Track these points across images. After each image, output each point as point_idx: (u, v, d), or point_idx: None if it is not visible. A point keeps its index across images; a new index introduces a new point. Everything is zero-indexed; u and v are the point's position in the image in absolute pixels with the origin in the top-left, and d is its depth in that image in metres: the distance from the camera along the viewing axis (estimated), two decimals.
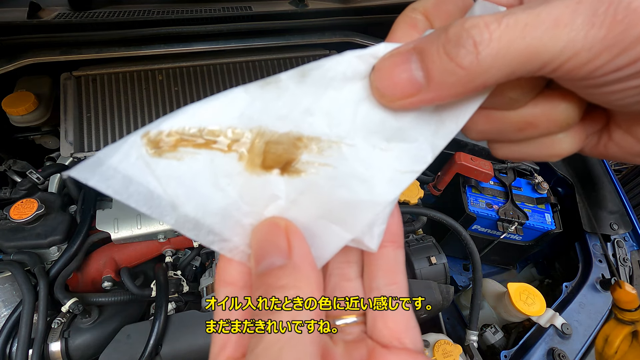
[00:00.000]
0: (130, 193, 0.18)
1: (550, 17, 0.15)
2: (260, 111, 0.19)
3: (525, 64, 0.16)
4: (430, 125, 0.20)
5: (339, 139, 0.20)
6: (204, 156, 0.19)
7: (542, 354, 0.83)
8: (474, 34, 0.16)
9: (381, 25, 1.15)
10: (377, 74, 0.19)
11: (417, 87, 0.18)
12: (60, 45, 0.91)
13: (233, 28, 0.98)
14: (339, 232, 0.20)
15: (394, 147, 0.20)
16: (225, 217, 0.20)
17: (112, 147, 0.17)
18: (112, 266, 0.82)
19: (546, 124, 0.19)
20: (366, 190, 0.20)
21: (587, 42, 0.15)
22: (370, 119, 0.20)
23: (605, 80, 0.16)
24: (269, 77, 0.19)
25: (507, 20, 0.16)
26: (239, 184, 0.20)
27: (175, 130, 0.18)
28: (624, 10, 0.14)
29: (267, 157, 0.19)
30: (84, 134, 0.95)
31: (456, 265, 1.28)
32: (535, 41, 0.15)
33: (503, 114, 0.20)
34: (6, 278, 0.76)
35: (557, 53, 0.15)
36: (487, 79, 0.16)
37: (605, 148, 0.21)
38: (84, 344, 0.72)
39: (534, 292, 0.89)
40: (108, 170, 0.17)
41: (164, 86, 1.03)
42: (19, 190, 0.86)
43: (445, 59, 0.16)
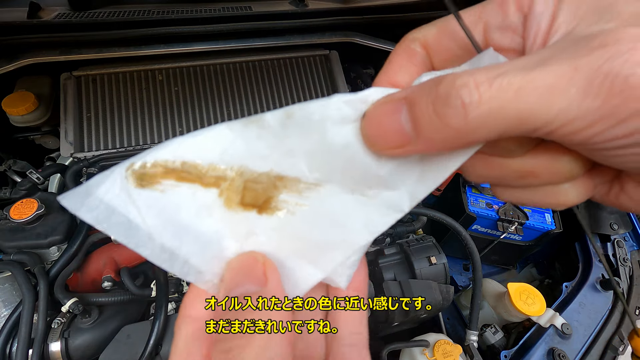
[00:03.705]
0: (111, 223, 0.18)
1: (545, 83, 0.15)
2: (242, 149, 0.19)
3: (516, 126, 0.15)
4: (413, 174, 0.20)
5: (317, 182, 0.20)
6: (185, 189, 0.19)
7: (542, 354, 0.83)
8: (463, 94, 0.15)
9: (381, 25, 1.15)
10: (368, 121, 0.18)
11: (406, 139, 0.17)
12: (60, 45, 0.91)
13: (233, 28, 0.98)
14: (312, 271, 0.21)
15: (374, 194, 0.20)
16: (202, 249, 0.20)
17: (100, 177, 0.18)
18: (112, 266, 0.82)
19: (548, 175, 0.18)
20: (340, 233, 0.20)
21: (581, 111, 0.14)
22: (351, 165, 0.19)
23: (603, 146, 0.15)
24: (254, 115, 0.19)
25: (500, 81, 0.15)
26: (218, 219, 0.20)
27: (159, 162, 0.19)
28: (621, 84, 0.14)
29: (246, 194, 0.20)
30: (84, 134, 0.95)
31: (456, 265, 1.28)
32: (528, 106, 0.15)
33: (503, 160, 0.19)
34: (6, 278, 0.76)
35: (550, 119, 0.15)
36: (475, 138, 0.16)
37: (617, 198, 0.19)
38: (84, 344, 0.72)
39: (534, 292, 0.89)
40: (94, 201, 0.18)
41: (164, 86, 1.03)
42: (19, 190, 0.86)
43: (433, 116, 0.16)
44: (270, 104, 1.07)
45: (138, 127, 0.98)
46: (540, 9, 0.17)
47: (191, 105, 1.03)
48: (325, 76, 1.15)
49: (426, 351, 0.82)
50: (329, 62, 1.16)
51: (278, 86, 1.10)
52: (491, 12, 0.19)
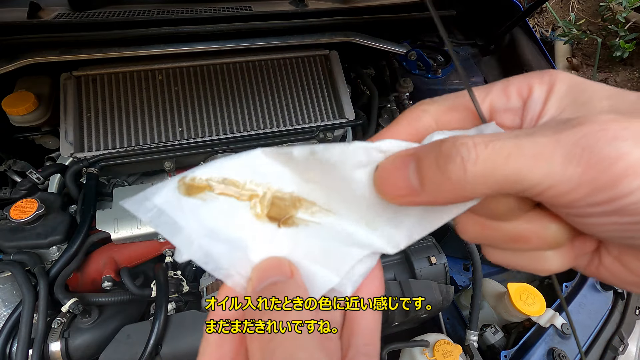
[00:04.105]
0: (160, 222, 0.22)
1: (532, 150, 0.17)
2: (271, 172, 0.23)
3: (509, 185, 0.17)
4: (412, 218, 0.23)
5: (330, 209, 0.24)
6: (223, 200, 0.23)
7: (542, 354, 0.83)
8: (462, 151, 0.17)
9: (381, 25, 1.15)
10: (380, 172, 0.21)
11: (412, 191, 0.20)
12: (60, 45, 0.91)
13: (233, 28, 0.98)
14: (327, 275, 0.24)
15: (377, 227, 0.23)
16: (231, 251, 0.23)
17: (156, 187, 0.22)
18: (112, 266, 0.82)
19: (536, 241, 0.20)
20: (347, 247, 0.24)
21: (566, 176, 0.16)
22: (361, 203, 0.23)
23: (585, 212, 0.17)
24: (285, 147, 0.23)
25: (494, 144, 0.17)
26: (248, 227, 0.23)
27: (205, 177, 0.22)
28: (596, 156, 0.16)
29: (273, 209, 0.23)
30: (84, 134, 0.95)
31: (456, 265, 1.27)
32: (517, 168, 0.17)
33: (497, 223, 0.21)
34: (6, 278, 0.76)
35: (538, 182, 0.17)
36: (474, 192, 0.18)
37: (597, 270, 0.21)
38: (84, 344, 0.72)
39: (534, 292, 0.89)
40: (150, 205, 0.22)
41: (164, 86, 1.03)
42: (19, 190, 0.86)
43: (436, 171, 0.18)
44: (270, 104, 1.08)
45: (138, 127, 0.98)
46: (537, 95, 0.20)
47: (191, 105, 1.03)
48: (325, 76, 1.15)
49: (426, 351, 0.82)
50: (329, 62, 1.16)
51: (278, 86, 1.10)
52: (496, 95, 0.22)
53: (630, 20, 2.76)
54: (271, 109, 1.07)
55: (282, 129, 1.04)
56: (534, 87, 0.20)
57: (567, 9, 3.24)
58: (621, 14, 2.73)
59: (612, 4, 2.80)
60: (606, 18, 2.86)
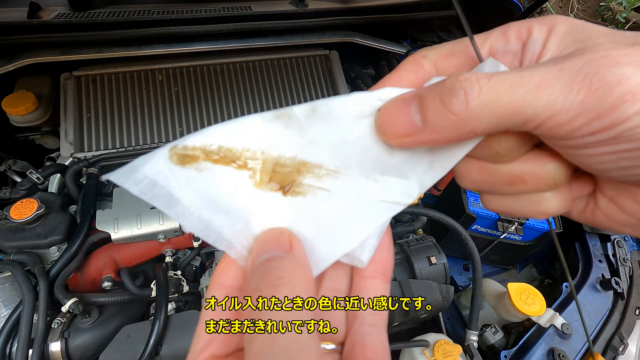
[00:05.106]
0: (154, 194, 0.21)
1: (534, 80, 0.17)
2: (272, 137, 0.22)
3: (510, 117, 0.18)
4: (421, 165, 0.22)
5: (337, 168, 0.22)
6: (220, 169, 0.21)
7: (542, 354, 0.83)
8: (466, 86, 0.18)
9: (381, 25, 1.15)
10: (382, 114, 0.21)
11: (415, 129, 0.20)
12: (60, 45, 0.91)
13: (233, 28, 0.98)
14: (334, 246, 0.23)
15: (386, 180, 0.23)
16: (233, 222, 0.22)
17: (145, 157, 0.21)
18: (112, 266, 0.82)
19: (535, 181, 0.20)
20: (357, 214, 0.23)
21: (566, 104, 0.17)
22: (367, 154, 0.22)
23: (583, 142, 0.17)
24: (283, 108, 0.22)
25: (497, 77, 0.18)
26: (248, 197, 0.22)
27: (199, 145, 0.21)
28: (598, 81, 0.16)
29: (275, 176, 0.22)
30: (84, 134, 0.95)
31: (456, 265, 1.28)
32: (519, 98, 0.17)
33: (495, 166, 0.21)
34: (6, 278, 0.76)
35: (539, 111, 0.17)
36: (476, 126, 0.18)
37: (592, 215, 0.22)
38: (84, 344, 0.72)
39: (534, 292, 0.89)
40: (140, 176, 0.20)
41: (164, 86, 1.03)
42: (19, 190, 0.86)
43: (440, 106, 0.19)
44: (271, 103, 1.08)
45: (138, 127, 0.98)
46: (536, 36, 0.21)
47: (191, 105, 1.03)
48: (325, 76, 1.15)
49: (426, 351, 0.82)
50: (329, 62, 1.16)
51: (278, 86, 1.10)
52: (495, 38, 0.22)
53: (630, 20, 2.76)
54: (271, 108, 1.07)
55: None
56: (533, 29, 0.21)
57: (567, 9, 3.24)
58: (621, 14, 2.73)
59: (612, 4, 2.80)
60: (606, 18, 2.86)
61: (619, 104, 0.16)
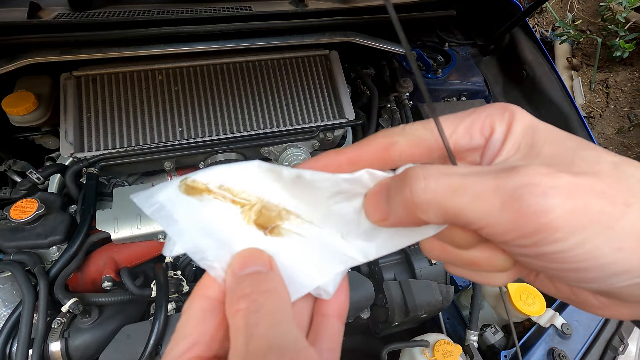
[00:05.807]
0: (160, 215, 0.25)
1: (474, 190, 0.19)
2: (264, 184, 0.26)
3: (453, 217, 0.20)
4: (383, 236, 0.26)
5: (311, 220, 0.27)
6: (217, 204, 0.26)
7: (542, 354, 0.83)
8: (412, 182, 0.21)
9: (381, 25, 1.15)
10: (366, 200, 0.25)
11: (385, 215, 0.23)
12: (60, 45, 0.91)
13: (233, 28, 0.98)
14: (309, 278, 0.27)
15: (351, 240, 0.27)
16: (218, 247, 0.26)
17: (161, 186, 0.25)
18: (112, 266, 0.82)
19: (487, 267, 0.24)
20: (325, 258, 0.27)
21: (500, 219, 0.19)
22: (340, 219, 0.26)
23: (517, 251, 0.20)
24: (277, 165, 0.26)
25: (444, 179, 0.20)
26: (236, 230, 0.26)
27: (204, 181, 0.26)
28: (526, 208, 0.18)
29: (261, 217, 0.26)
30: (84, 134, 0.95)
31: None
32: (460, 205, 0.20)
33: (456, 250, 0.24)
34: (6, 278, 0.76)
35: (476, 219, 0.19)
36: (425, 217, 0.21)
37: (534, 282, 0.26)
38: (84, 344, 0.72)
39: (534, 292, 0.90)
40: (154, 201, 0.25)
41: (164, 86, 1.03)
42: (19, 190, 0.86)
43: (397, 196, 0.22)
44: (270, 104, 1.08)
45: (138, 127, 0.98)
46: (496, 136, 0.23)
47: (191, 105, 1.03)
48: (325, 76, 1.15)
49: (426, 351, 0.82)
50: (329, 62, 1.16)
51: (278, 86, 1.10)
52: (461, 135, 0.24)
53: (630, 20, 2.75)
54: (271, 109, 1.07)
55: (282, 129, 1.04)
56: (495, 126, 0.23)
57: (567, 9, 3.24)
58: (621, 14, 2.72)
59: (612, 4, 2.80)
60: (606, 18, 2.86)
61: (542, 230, 0.18)
